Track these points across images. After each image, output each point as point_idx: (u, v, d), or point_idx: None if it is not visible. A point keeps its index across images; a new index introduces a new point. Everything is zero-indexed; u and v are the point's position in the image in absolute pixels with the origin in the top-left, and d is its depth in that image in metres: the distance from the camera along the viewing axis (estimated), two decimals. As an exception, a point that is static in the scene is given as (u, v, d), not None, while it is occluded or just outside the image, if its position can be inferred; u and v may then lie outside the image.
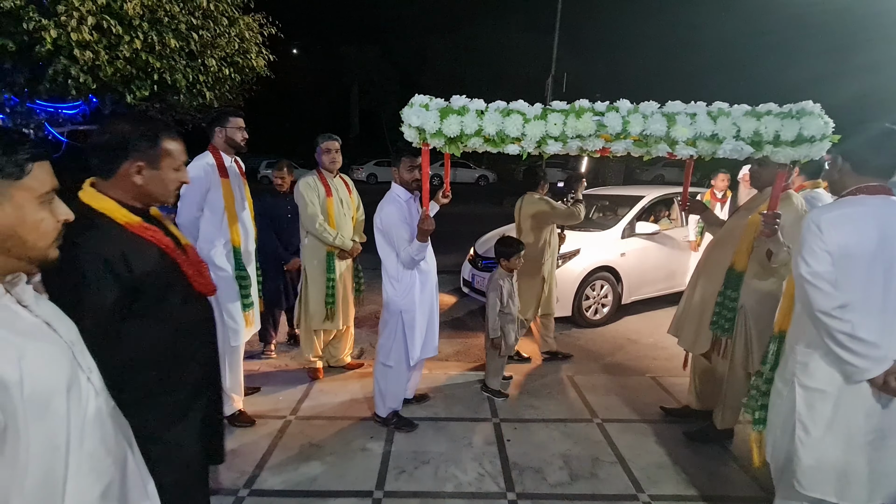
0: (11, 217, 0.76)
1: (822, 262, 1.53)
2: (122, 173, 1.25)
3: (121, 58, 4.51)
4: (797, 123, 1.95)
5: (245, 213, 2.71)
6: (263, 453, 2.47)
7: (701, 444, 2.64)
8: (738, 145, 2.01)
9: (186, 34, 5.05)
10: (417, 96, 2.13)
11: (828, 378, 1.57)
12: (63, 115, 5.69)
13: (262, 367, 3.51)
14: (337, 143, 3.14)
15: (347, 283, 3.27)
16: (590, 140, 2.05)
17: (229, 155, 2.66)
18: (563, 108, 2.07)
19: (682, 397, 3.10)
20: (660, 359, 3.91)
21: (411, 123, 2.08)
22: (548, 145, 2.07)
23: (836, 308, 1.49)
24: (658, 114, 2.03)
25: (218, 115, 2.65)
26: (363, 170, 22.51)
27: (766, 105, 2.04)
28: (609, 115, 2.03)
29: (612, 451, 2.57)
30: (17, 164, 0.76)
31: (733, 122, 1.99)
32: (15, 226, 0.77)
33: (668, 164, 21.64)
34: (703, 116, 2.01)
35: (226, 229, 2.58)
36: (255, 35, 6.20)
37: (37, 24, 3.95)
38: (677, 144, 2.04)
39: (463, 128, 2.04)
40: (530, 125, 2.02)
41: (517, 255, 3.06)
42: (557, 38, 16.24)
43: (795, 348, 1.69)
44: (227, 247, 2.59)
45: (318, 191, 3.06)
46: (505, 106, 2.08)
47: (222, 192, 2.55)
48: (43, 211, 0.80)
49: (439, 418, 2.83)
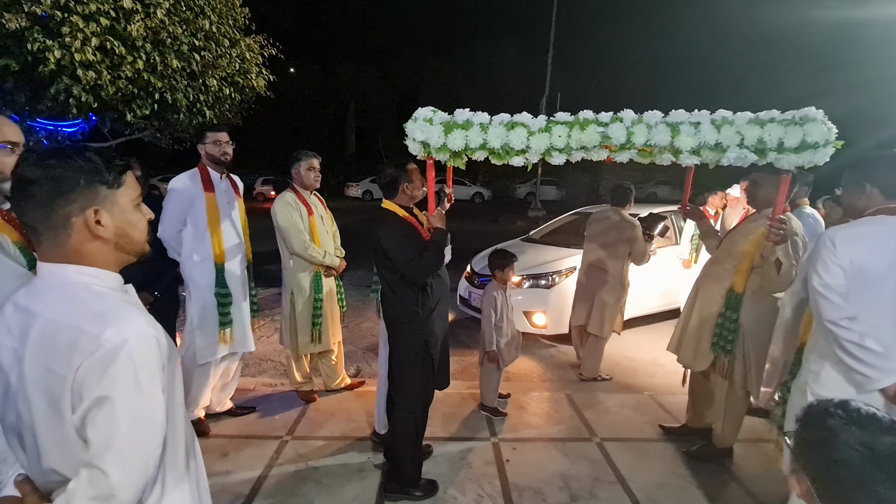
0: (120, 219, 0.92)
1: (834, 275, 1.60)
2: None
3: (123, 77, 4.57)
4: (801, 130, 1.95)
5: (234, 230, 2.69)
6: (259, 475, 2.43)
7: (701, 462, 2.63)
8: (742, 153, 2.00)
9: (188, 55, 5.13)
10: (421, 110, 2.11)
11: (839, 387, 1.62)
12: (62, 133, 5.73)
13: (257, 386, 3.47)
14: (319, 160, 3.12)
15: (333, 301, 3.22)
16: (594, 151, 2.05)
17: (217, 171, 2.67)
18: (567, 119, 2.07)
19: (680, 415, 3.09)
20: (657, 376, 3.91)
21: (415, 138, 2.07)
22: (552, 157, 2.08)
23: (843, 319, 1.56)
24: (662, 124, 2.02)
25: (199, 133, 2.71)
26: (359, 187, 22.67)
27: (768, 112, 2.04)
28: (613, 126, 2.02)
29: (611, 471, 2.55)
30: (117, 175, 0.91)
31: (737, 130, 1.99)
32: (124, 226, 0.93)
33: (661, 182, 21.97)
34: (706, 125, 2.00)
35: (208, 245, 2.57)
36: (256, 56, 6.31)
37: (41, 45, 4.01)
38: (681, 153, 2.04)
39: (467, 142, 2.04)
40: (535, 138, 2.03)
41: (510, 267, 3.09)
42: (551, 59, 16.71)
43: (809, 358, 1.76)
44: (207, 263, 2.58)
45: (300, 210, 2.99)
46: (509, 119, 2.08)
47: (206, 206, 2.56)
48: (138, 212, 0.97)
49: (437, 438, 2.80)
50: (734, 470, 2.58)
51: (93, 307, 0.86)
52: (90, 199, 0.87)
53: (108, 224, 0.90)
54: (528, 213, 16.85)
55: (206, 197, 2.58)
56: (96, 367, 0.80)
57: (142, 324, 0.86)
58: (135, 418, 0.83)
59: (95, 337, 0.81)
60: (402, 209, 2.26)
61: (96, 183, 0.88)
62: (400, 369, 2.27)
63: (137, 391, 0.82)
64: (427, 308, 2.22)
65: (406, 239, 2.16)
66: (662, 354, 4.36)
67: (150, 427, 0.85)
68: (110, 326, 0.82)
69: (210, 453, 2.58)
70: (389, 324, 2.30)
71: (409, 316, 2.21)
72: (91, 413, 0.81)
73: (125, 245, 0.94)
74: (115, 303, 0.88)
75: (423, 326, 2.22)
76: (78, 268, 0.89)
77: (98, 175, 0.88)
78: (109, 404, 0.80)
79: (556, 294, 4.41)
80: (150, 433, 0.85)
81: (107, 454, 0.81)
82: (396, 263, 2.13)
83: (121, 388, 0.81)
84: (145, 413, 0.84)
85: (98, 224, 0.88)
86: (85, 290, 0.88)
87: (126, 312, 0.86)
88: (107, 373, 0.80)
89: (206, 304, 2.62)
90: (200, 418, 2.79)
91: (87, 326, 0.82)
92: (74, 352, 0.81)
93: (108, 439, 0.81)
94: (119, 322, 0.83)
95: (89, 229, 0.88)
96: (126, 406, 0.81)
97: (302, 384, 3.25)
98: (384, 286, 2.28)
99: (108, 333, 0.81)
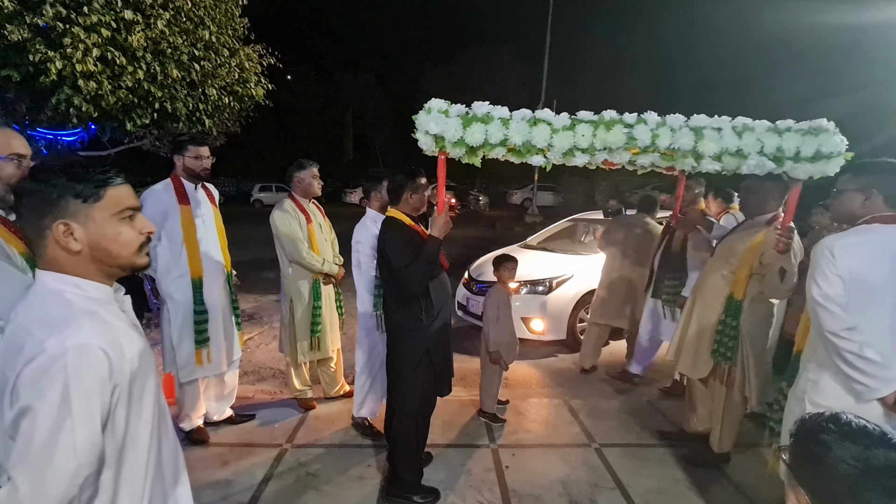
0: (94, 233, 0.91)
1: (833, 285, 1.59)
2: None
3: (123, 87, 4.60)
4: (816, 140, 1.97)
5: (211, 243, 2.62)
6: (259, 482, 2.44)
7: (698, 468, 2.65)
8: (762, 161, 2.00)
9: (188, 65, 5.16)
10: (434, 101, 1.97)
11: (837, 396, 1.62)
12: (62, 143, 5.75)
13: (256, 394, 3.47)
14: (317, 168, 3.13)
15: (332, 309, 3.24)
16: (617, 153, 1.98)
17: (193, 183, 2.59)
18: (591, 119, 2.00)
19: (677, 420, 3.11)
20: (655, 381, 3.93)
21: (429, 130, 1.92)
22: (574, 157, 1.99)
23: (843, 329, 1.56)
24: (686, 128, 1.99)
25: (179, 143, 2.59)
26: (356, 193, 22.77)
27: (783, 122, 2.05)
28: (638, 127, 1.96)
29: (610, 477, 2.56)
30: (93, 189, 0.91)
31: (758, 137, 1.98)
32: (99, 240, 0.92)
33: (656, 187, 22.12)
34: (728, 131, 1.99)
35: (185, 260, 2.49)
36: (255, 65, 6.35)
37: (42, 55, 4.03)
38: (703, 159, 2.00)
39: (487, 137, 1.91)
40: (558, 136, 1.94)
41: (511, 269, 3.13)
42: (547, 66, 16.87)
43: (808, 366, 1.76)
44: (185, 279, 2.51)
45: (299, 218, 2.99)
46: (531, 115, 1.98)
47: (181, 219, 2.48)
48: (122, 226, 0.95)
49: (436, 445, 2.81)
50: (732, 475, 2.60)
51: (51, 313, 0.85)
52: (61, 212, 0.88)
53: (81, 237, 0.90)
54: (524, 219, 16.91)
55: (182, 210, 2.49)
56: (31, 374, 0.79)
57: (89, 335, 0.83)
58: (55, 435, 0.79)
59: (40, 343, 0.80)
60: (407, 217, 2.26)
61: (68, 197, 0.89)
62: (402, 376, 2.27)
63: (63, 406, 0.79)
64: (430, 315, 2.23)
65: (405, 246, 2.15)
66: (658, 360, 4.39)
67: (71, 447, 0.80)
68: (55, 334, 0.81)
69: (210, 462, 2.58)
70: (392, 331, 2.30)
71: (413, 323, 2.21)
72: (17, 421, 0.79)
73: (103, 258, 0.93)
74: (74, 311, 0.86)
75: (426, 334, 2.23)
76: (57, 275, 0.90)
77: (70, 190, 0.89)
78: (32, 415, 0.78)
79: (554, 300, 4.44)
80: (70, 454, 0.80)
81: (20, 466, 0.78)
82: (394, 269, 2.15)
83: (47, 400, 0.78)
84: (69, 431, 0.80)
85: (70, 237, 0.89)
86: (55, 296, 0.88)
87: (79, 322, 0.85)
88: (38, 382, 0.79)
89: (185, 321, 2.55)
90: (199, 427, 2.80)
91: (36, 331, 0.82)
92: (20, 355, 0.81)
93: (23, 451, 0.78)
94: (65, 331, 0.82)
95: (59, 242, 0.89)
96: (47, 420, 0.78)
97: (301, 392, 3.26)
98: (387, 293, 2.29)
99: (50, 341, 0.80)
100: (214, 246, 2.67)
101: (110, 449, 0.89)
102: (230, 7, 5.95)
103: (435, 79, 26.88)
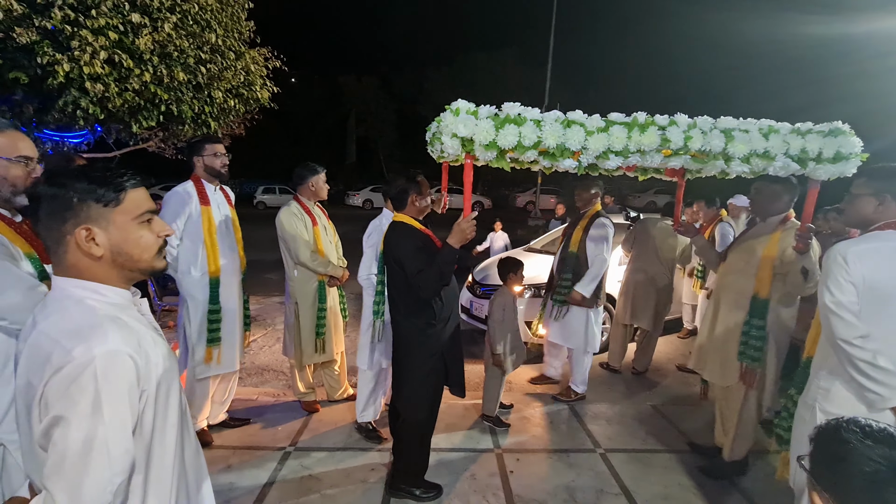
0: (116, 237, 0.91)
1: (846, 292, 1.57)
2: None
3: (130, 90, 4.63)
4: (835, 141, 1.97)
5: (229, 243, 2.67)
6: (262, 486, 2.43)
7: (713, 479, 2.58)
8: (787, 162, 1.99)
9: (195, 67, 5.20)
10: (461, 101, 1.91)
11: (849, 405, 1.60)
12: (69, 144, 5.80)
13: (260, 396, 3.47)
14: (325, 172, 3.17)
15: (336, 311, 3.24)
16: (649, 155, 1.94)
17: (212, 183, 2.65)
18: (624, 120, 1.97)
19: (683, 426, 3.09)
20: (659, 386, 3.91)
21: (457, 133, 1.84)
22: (608, 160, 1.95)
23: (857, 337, 1.53)
24: (716, 130, 1.97)
25: (195, 144, 2.63)
26: (359, 196, 22.80)
27: (804, 124, 2.05)
28: (671, 129, 1.94)
29: (616, 483, 2.54)
30: (114, 192, 0.90)
31: (783, 139, 1.98)
32: (121, 243, 0.91)
33: (659, 190, 22.07)
34: (755, 133, 1.98)
35: (204, 259, 2.55)
36: (260, 68, 6.40)
37: (50, 58, 4.07)
38: (732, 161, 1.99)
39: (521, 139, 1.85)
40: (593, 138, 1.89)
41: (519, 274, 3.13)
42: (550, 70, 16.89)
43: (819, 374, 1.72)
44: (205, 278, 2.56)
45: (305, 220, 3.01)
46: (563, 116, 1.94)
47: (202, 220, 2.53)
48: (142, 229, 0.94)
49: (440, 449, 2.80)
50: (739, 482, 2.57)
51: (76, 321, 0.84)
52: (83, 217, 0.87)
53: (103, 242, 0.89)
54: (528, 222, 16.90)
55: (203, 210, 2.54)
56: (60, 383, 0.78)
57: (116, 342, 0.83)
58: (88, 444, 0.78)
59: (67, 352, 0.79)
60: (416, 221, 2.25)
61: (89, 201, 0.87)
62: (413, 382, 2.26)
63: (96, 414, 0.79)
64: (442, 320, 2.22)
65: (419, 252, 2.12)
66: (664, 364, 4.36)
67: (105, 454, 0.80)
68: (82, 343, 0.80)
69: (213, 464, 2.58)
70: (403, 338, 2.27)
71: (426, 329, 2.19)
72: (49, 431, 0.78)
73: (125, 263, 0.92)
74: (99, 318, 0.86)
75: (440, 339, 2.22)
76: (77, 281, 0.89)
77: (91, 193, 0.87)
78: (64, 425, 0.77)
79: (558, 304, 4.42)
80: (105, 461, 0.80)
81: (56, 477, 0.77)
82: (407, 274, 2.12)
83: (79, 409, 0.78)
84: (102, 439, 0.79)
85: (92, 242, 0.88)
86: (77, 303, 0.87)
87: (104, 329, 0.84)
88: (68, 391, 0.78)
89: (203, 319, 2.60)
90: (203, 429, 2.80)
91: (63, 340, 0.81)
92: (47, 365, 0.80)
93: (58, 462, 0.77)
94: (92, 339, 0.81)
95: (81, 247, 0.87)
96: (81, 429, 0.78)
97: (305, 394, 3.25)
98: (399, 300, 2.25)
99: (78, 350, 0.79)
100: (232, 246, 2.72)
101: (139, 453, 0.89)
102: (236, 11, 6.00)
103: (438, 82, 26.92)
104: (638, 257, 4.12)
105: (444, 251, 2.09)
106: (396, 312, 2.28)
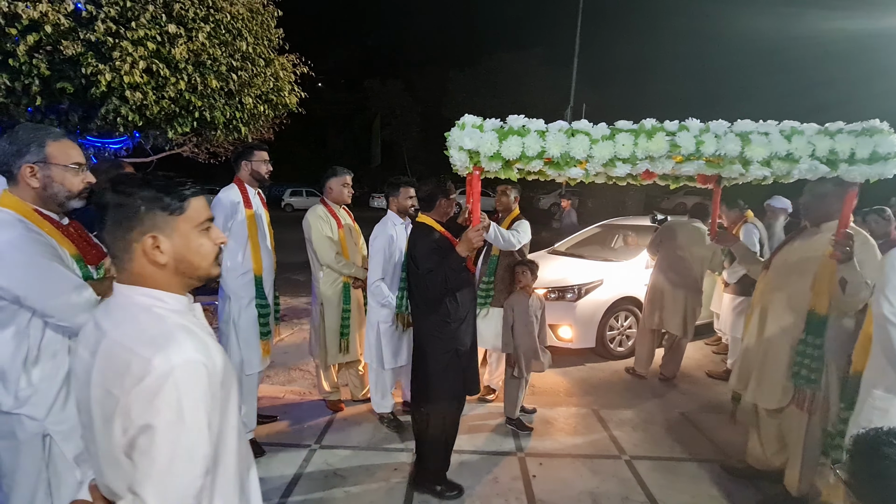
0: (179, 245, 0.93)
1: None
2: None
3: (166, 97, 4.83)
4: (871, 141, 1.87)
5: (266, 244, 2.78)
6: (288, 482, 2.49)
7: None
8: (814, 164, 1.91)
9: (227, 75, 5.37)
10: (468, 116, 1.97)
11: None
12: (109, 149, 6.10)
13: (286, 395, 3.56)
14: (351, 176, 3.26)
15: (360, 313, 3.28)
16: (659, 161, 1.91)
17: (254, 187, 2.78)
18: (631, 127, 1.95)
19: (711, 434, 2.99)
20: (688, 393, 3.80)
21: (464, 146, 1.91)
22: (616, 168, 1.94)
23: None
24: (731, 133, 1.91)
25: (244, 150, 2.77)
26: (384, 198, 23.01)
27: (834, 123, 1.95)
28: (681, 134, 1.89)
29: (642, 491, 2.49)
30: (178, 201, 0.92)
31: (808, 140, 1.89)
32: (184, 252, 0.94)
33: (689, 192, 21.38)
34: (776, 136, 1.91)
35: (248, 258, 2.66)
36: (289, 74, 6.55)
37: (94, 69, 4.29)
38: (751, 165, 1.92)
39: (524, 149, 1.89)
40: (598, 146, 1.88)
41: (531, 276, 3.10)
42: (576, 70, 16.66)
43: (873, 392, 1.58)
44: (247, 276, 2.66)
45: (331, 223, 3.09)
46: (568, 126, 1.95)
47: (247, 222, 2.65)
48: (202, 237, 0.96)
49: (463, 451, 2.80)
50: (770, 492, 2.47)
51: (149, 330, 0.87)
52: (149, 225, 0.89)
53: (168, 250, 0.91)
54: (552, 225, 16.71)
55: (247, 213, 2.67)
56: (144, 394, 0.81)
57: (191, 351, 0.86)
58: (176, 449, 0.82)
59: (146, 362, 0.82)
60: (438, 223, 2.35)
61: (156, 209, 0.90)
62: (432, 378, 2.32)
63: (180, 422, 0.82)
64: (458, 318, 2.28)
65: (432, 252, 2.23)
66: (693, 371, 4.24)
67: (190, 458, 0.84)
68: (160, 352, 0.83)
69: (242, 459, 2.65)
70: (421, 334, 2.36)
71: (441, 326, 2.27)
72: (136, 440, 0.82)
73: (186, 270, 0.95)
74: (170, 327, 0.89)
75: (455, 336, 2.29)
76: (143, 290, 0.92)
77: (158, 202, 0.90)
78: (151, 433, 0.81)
79: (583, 307, 4.35)
80: (190, 464, 0.84)
81: (146, 483, 0.81)
82: (419, 271, 2.23)
83: (164, 417, 0.81)
84: (187, 444, 0.84)
85: (157, 250, 0.90)
86: (146, 312, 0.90)
87: (178, 338, 0.87)
88: (153, 402, 0.81)
89: (250, 317, 2.69)
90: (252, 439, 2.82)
91: (140, 350, 0.84)
92: (127, 374, 0.83)
93: (148, 468, 0.81)
94: (169, 348, 0.84)
95: (147, 255, 0.90)
96: (168, 436, 0.82)
97: (330, 393, 3.32)
98: (417, 297, 2.35)
99: (157, 359, 0.82)
100: (268, 247, 2.82)
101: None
102: (266, 19, 6.17)
103: (462, 84, 26.92)
104: (664, 260, 4.03)
105: (451, 259, 2.18)
106: (415, 308, 2.40)
